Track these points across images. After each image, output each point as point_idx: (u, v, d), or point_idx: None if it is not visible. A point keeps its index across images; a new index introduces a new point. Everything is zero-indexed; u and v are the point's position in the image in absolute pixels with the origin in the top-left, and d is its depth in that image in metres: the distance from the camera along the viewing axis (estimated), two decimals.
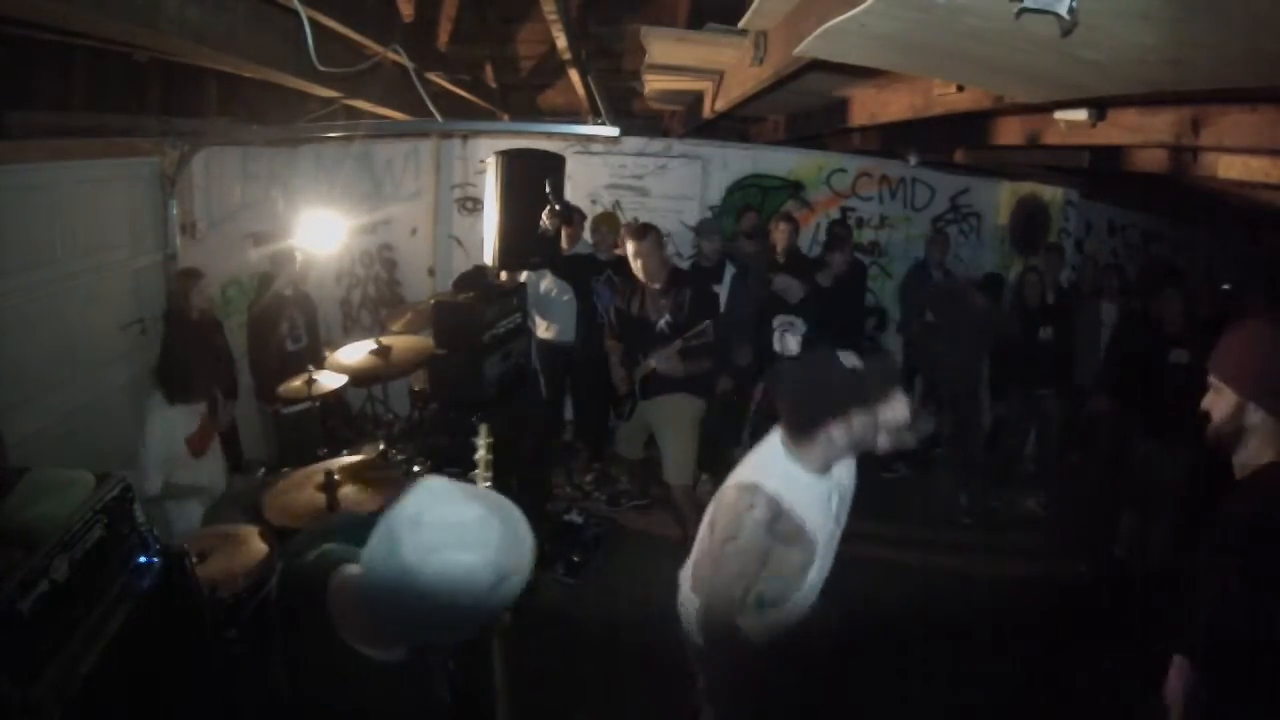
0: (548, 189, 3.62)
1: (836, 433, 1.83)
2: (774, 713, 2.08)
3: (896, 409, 1.84)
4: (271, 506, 2.52)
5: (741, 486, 1.89)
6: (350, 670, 1.16)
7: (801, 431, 1.87)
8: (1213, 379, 1.57)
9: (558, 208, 3.66)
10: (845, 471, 2.02)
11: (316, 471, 2.66)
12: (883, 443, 1.87)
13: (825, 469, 1.92)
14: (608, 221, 4.90)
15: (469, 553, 1.05)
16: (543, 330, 4.82)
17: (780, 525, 1.84)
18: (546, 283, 4.72)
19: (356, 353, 3.51)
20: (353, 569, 1.18)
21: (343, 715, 1.20)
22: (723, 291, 4.41)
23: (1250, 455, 1.51)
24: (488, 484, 1.81)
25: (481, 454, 1.85)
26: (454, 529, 1.05)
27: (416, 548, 1.04)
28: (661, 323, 3.62)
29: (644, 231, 3.66)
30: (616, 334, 3.89)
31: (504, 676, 1.70)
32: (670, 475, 3.71)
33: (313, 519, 2.42)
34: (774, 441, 1.95)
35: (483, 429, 1.90)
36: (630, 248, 3.60)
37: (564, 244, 4.44)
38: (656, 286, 3.62)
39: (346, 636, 1.16)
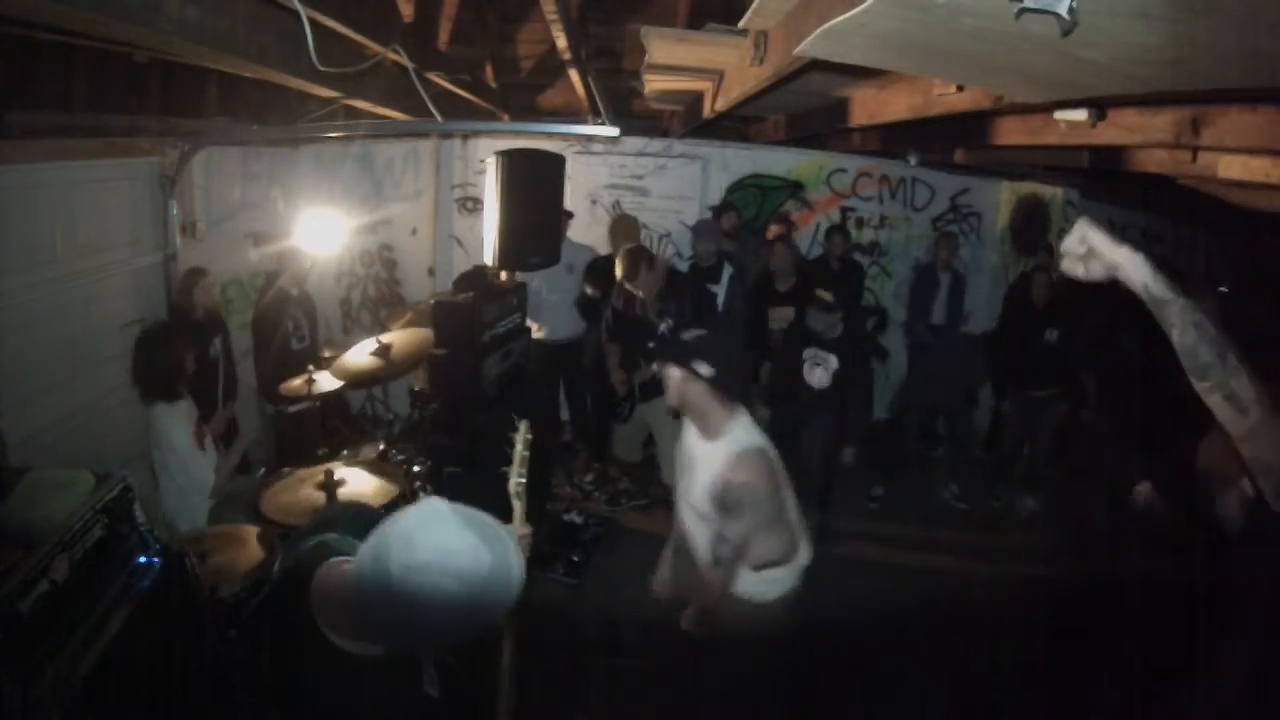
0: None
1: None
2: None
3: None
4: (271, 506, 2.52)
5: None
6: (330, 660, 1.19)
7: None
8: None
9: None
10: (708, 466, 2.26)
11: (316, 471, 2.66)
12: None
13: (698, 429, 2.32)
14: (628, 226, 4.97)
15: (452, 579, 1.07)
16: (535, 331, 4.80)
17: None
18: (535, 282, 4.69)
19: (360, 355, 3.50)
20: (343, 562, 1.21)
21: (320, 703, 1.22)
22: (720, 291, 4.42)
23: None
24: (522, 481, 1.81)
25: (519, 450, 1.85)
26: (444, 554, 1.08)
27: (403, 563, 1.07)
28: (663, 327, 3.63)
29: (635, 266, 3.63)
30: (614, 336, 3.89)
31: (511, 677, 1.69)
32: (669, 476, 3.71)
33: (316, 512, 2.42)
34: None
35: (523, 425, 1.89)
36: (628, 287, 3.64)
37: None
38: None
39: (322, 625, 1.19)
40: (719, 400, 2.24)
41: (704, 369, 2.20)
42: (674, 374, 2.25)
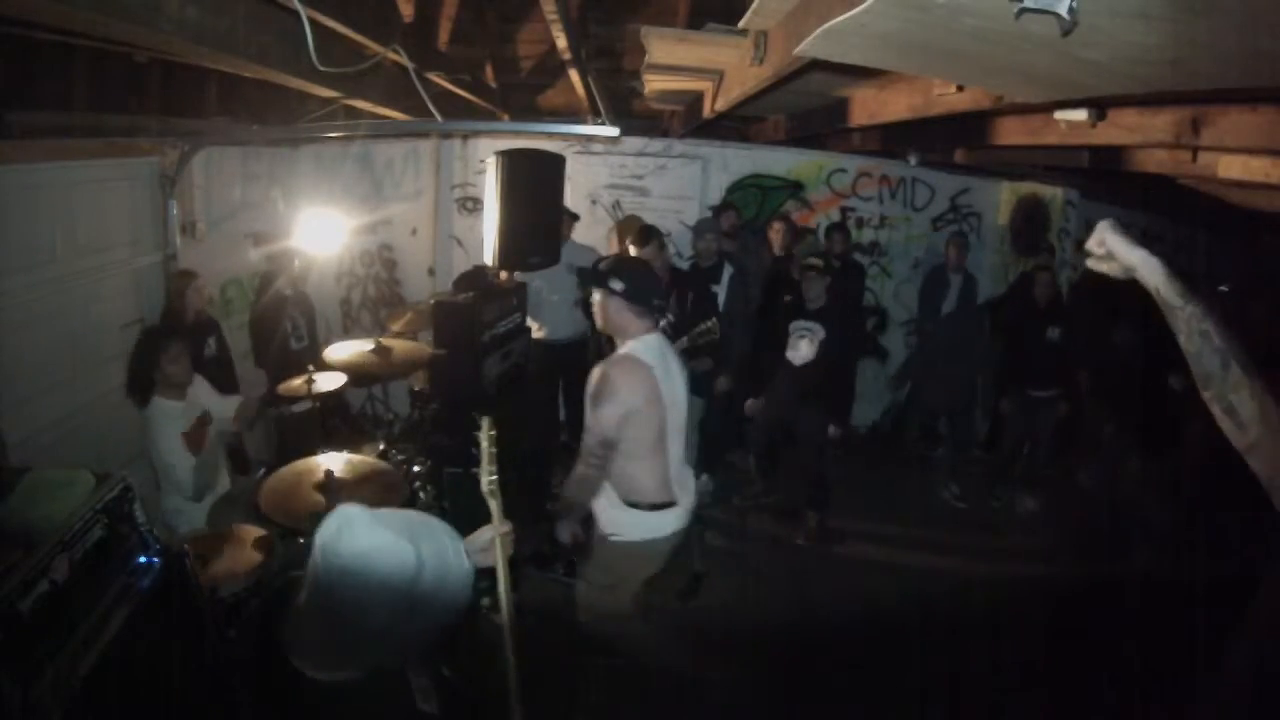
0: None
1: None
2: None
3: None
4: (271, 506, 2.51)
5: None
6: (322, 688, 1.16)
7: None
8: None
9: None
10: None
11: (315, 469, 2.66)
12: None
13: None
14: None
15: (379, 581, 1.05)
16: (535, 331, 4.79)
17: None
18: (536, 282, 4.68)
19: (351, 351, 3.51)
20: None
21: None
22: (721, 291, 4.42)
23: None
24: (493, 478, 1.80)
25: (485, 447, 1.83)
26: (362, 556, 1.06)
27: (326, 574, 1.05)
28: (663, 324, 3.63)
29: (646, 237, 3.65)
30: None
31: (518, 682, 1.68)
32: None
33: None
34: None
35: (485, 422, 1.88)
36: (632, 253, 3.62)
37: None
38: None
39: (298, 666, 1.16)
40: (635, 314, 2.46)
41: (617, 284, 2.44)
42: (596, 297, 2.50)
